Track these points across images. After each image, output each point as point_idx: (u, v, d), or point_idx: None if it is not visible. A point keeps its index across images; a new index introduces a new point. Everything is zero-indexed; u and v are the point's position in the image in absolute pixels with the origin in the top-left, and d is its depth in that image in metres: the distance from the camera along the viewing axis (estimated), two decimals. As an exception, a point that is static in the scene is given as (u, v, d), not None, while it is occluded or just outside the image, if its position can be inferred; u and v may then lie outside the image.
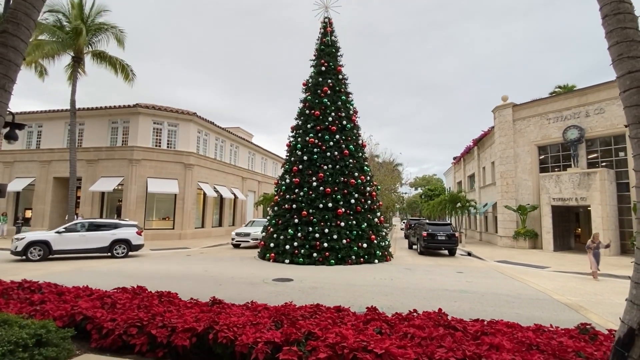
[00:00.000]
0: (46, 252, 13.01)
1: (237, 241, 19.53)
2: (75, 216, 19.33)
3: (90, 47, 18.97)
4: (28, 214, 23.31)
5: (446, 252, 18.95)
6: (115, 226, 14.63)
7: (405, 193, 57.05)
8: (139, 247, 15.12)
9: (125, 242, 14.53)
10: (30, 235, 13.36)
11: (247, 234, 19.48)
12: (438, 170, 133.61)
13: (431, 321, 4.76)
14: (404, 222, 55.33)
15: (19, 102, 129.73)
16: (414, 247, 20.46)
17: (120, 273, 10.64)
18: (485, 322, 4.94)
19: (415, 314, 5.21)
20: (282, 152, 17.12)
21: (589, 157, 19.89)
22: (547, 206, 19.85)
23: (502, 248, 21.61)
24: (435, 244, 18.31)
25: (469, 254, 18.74)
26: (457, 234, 19.43)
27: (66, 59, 19.18)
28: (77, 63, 18.63)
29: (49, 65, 19.28)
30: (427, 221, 20.92)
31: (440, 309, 5.19)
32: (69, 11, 18.60)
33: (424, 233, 18.60)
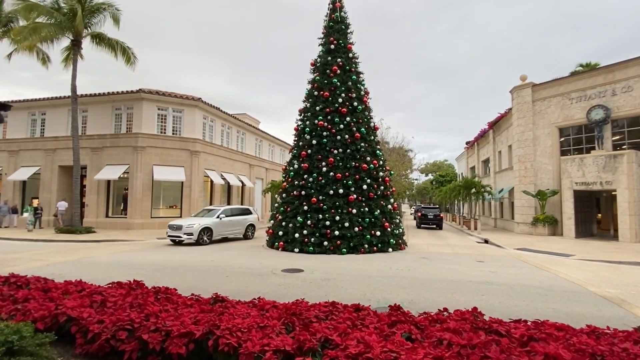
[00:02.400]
0: None
1: (169, 235, 14.88)
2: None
3: (88, 29, 18.26)
4: (35, 202, 23.09)
5: (437, 228, 26.27)
6: None
7: (416, 179, 56.07)
8: None
9: None
10: None
11: (179, 227, 14.62)
12: (449, 156, 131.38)
13: (467, 323, 4.08)
14: (413, 209, 55.16)
15: (27, 93, 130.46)
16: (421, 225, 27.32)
17: (123, 264, 10.17)
18: (530, 323, 4.23)
19: (446, 313, 4.53)
20: (290, 139, 16.36)
21: (614, 138, 18.76)
22: (569, 191, 18.87)
23: (519, 235, 20.77)
24: (426, 221, 26.48)
25: (486, 241, 17.97)
26: (441, 215, 27.25)
27: (65, 42, 18.56)
28: (76, 46, 17.99)
29: (48, 50, 18.69)
30: (422, 205, 29.72)
31: (475, 308, 4.51)
32: (66, -8, 17.86)
33: (419, 213, 27.63)
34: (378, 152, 14.71)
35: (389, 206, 14.21)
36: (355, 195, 13.37)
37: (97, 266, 9.82)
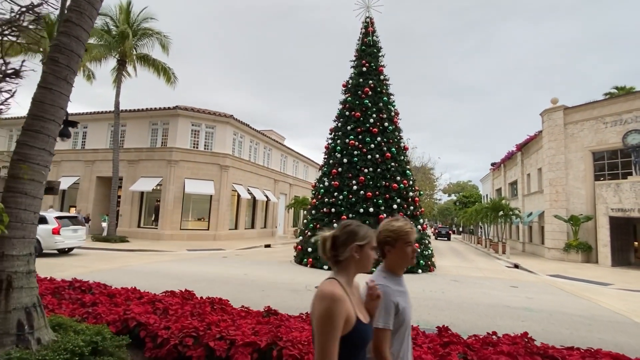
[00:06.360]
0: None
1: None
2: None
3: (135, 50, 19.48)
4: (72, 211, 24.22)
5: (447, 238, 44.63)
6: None
7: (440, 199, 55.39)
8: None
9: None
10: None
11: None
12: (471, 177, 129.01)
13: (520, 347, 4.13)
14: (433, 228, 55.52)
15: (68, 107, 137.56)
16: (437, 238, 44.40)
17: (161, 274, 10.57)
18: (583, 351, 4.24)
19: (494, 337, 4.57)
20: (313, 155, 16.71)
21: (653, 164, 18.16)
22: (604, 217, 18.28)
23: (550, 261, 20.15)
24: (441, 235, 44.79)
25: (516, 266, 17.53)
26: (450, 231, 47.50)
27: (111, 62, 19.82)
28: (122, 66, 19.18)
29: (95, 69, 20.00)
30: (439, 225, 58.11)
31: (526, 333, 4.54)
32: (117, 15, 19.22)
33: (436, 231, 46.72)
34: (408, 172, 14.83)
35: (419, 226, 14.20)
36: (385, 215, 13.45)
37: (138, 274, 10.25)
